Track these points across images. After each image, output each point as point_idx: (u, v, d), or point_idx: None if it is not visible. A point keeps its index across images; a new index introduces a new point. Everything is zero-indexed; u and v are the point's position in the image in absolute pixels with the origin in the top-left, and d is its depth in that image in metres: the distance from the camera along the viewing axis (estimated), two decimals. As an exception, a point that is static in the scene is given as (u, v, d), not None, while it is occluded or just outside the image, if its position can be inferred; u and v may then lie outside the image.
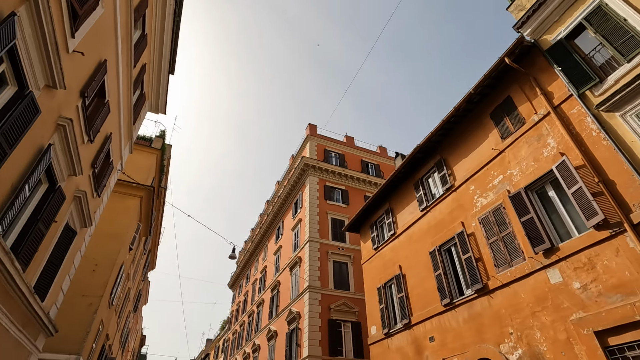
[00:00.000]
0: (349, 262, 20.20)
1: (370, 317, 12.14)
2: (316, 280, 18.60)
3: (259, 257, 31.73)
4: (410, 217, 11.45)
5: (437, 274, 9.38)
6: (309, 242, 19.90)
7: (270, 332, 21.68)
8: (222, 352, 37.73)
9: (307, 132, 26.40)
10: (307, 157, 23.36)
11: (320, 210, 21.74)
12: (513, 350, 6.94)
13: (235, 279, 39.63)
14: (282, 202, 26.75)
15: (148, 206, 17.05)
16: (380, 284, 11.99)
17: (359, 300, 18.84)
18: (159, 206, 23.87)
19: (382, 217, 13.12)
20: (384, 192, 12.89)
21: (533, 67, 8.19)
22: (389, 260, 11.97)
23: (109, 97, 8.33)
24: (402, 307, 10.46)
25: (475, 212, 8.76)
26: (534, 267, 6.92)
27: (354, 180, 24.59)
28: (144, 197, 16.27)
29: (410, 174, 11.94)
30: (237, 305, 35.38)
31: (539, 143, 7.58)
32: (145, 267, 28.50)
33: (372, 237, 13.32)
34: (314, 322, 17.18)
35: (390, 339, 10.77)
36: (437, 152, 10.83)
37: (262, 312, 25.65)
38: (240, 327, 31.14)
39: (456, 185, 9.71)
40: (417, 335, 9.66)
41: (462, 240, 8.81)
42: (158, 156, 18.74)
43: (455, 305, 8.65)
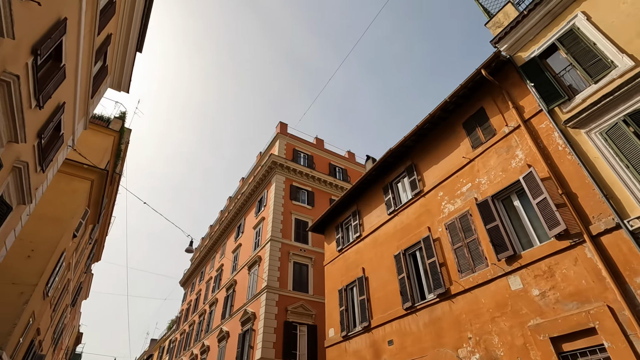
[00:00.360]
0: (309, 264, 19.94)
1: (329, 320, 11.94)
2: (275, 281, 18.14)
3: (215, 255, 30.57)
4: (377, 220, 11.44)
5: (401, 278, 9.39)
6: (270, 241, 19.42)
7: (222, 332, 20.81)
8: (167, 354, 35.78)
9: (278, 130, 25.96)
10: (276, 155, 22.92)
11: (284, 209, 21.34)
12: (471, 355, 7.02)
13: (188, 276, 37.90)
14: (245, 199, 26.00)
15: (99, 191, 15.79)
16: (342, 285, 11.84)
17: (317, 303, 18.62)
18: (112, 193, 22.28)
19: (348, 218, 13.03)
20: (353, 194, 12.82)
21: (506, 81, 8.49)
22: (352, 263, 11.86)
23: (66, 61, 7.51)
24: (363, 309, 10.36)
25: (442, 218, 8.88)
26: (496, 274, 7.07)
27: (321, 182, 24.47)
28: (95, 181, 15.06)
29: (380, 178, 11.97)
30: (188, 304, 33.79)
31: (508, 154, 7.83)
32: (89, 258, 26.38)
33: (337, 238, 13.18)
34: (269, 323, 16.69)
35: (348, 341, 10.62)
36: (409, 158, 10.94)
37: (214, 311, 24.62)
38: (190, 327, 29.70)
39: (425, 191, 9.82)
40: (376, 338, 9.58)
41: (428, 244, 8.88)
42: (115, 139, 17.46)
43: (416, 309, 8.67)
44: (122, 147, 19.70)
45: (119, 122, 18.05)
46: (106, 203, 23.00)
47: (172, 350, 33.01)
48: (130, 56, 12.53)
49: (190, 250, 13.75)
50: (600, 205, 5.90)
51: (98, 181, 15.21)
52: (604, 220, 5.75)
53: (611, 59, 6.48)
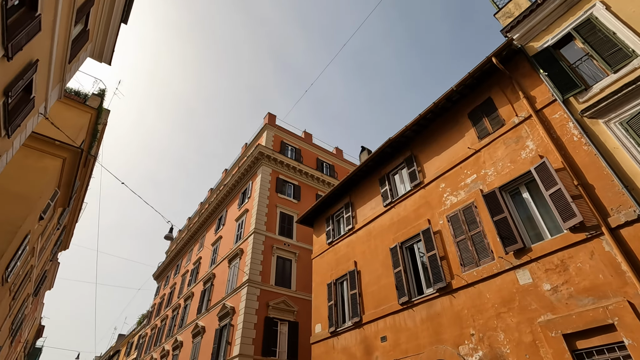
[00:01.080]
0: (293, 259, 19.31)
1: (316, 315, 11.38)
2: (257, 275, 17.41)
3: (193, 248, 29.41)
4: (371, 213, 10.99)
5: (397, 271, 8.95)
6: (254, 233, 18.66)
7: (198, 327, 19.85)
8: (135, 349, 34.18)
9: (266, 121, 25.19)
10: (263, 146, 22.17)
11: (270, 202, 20.63)
12: (473, 352, 6.63)
13: (162, 269, 36.39)
14: (228, 191, 25.07)
15: (71, 171, 14.64)
16: (331, 279, 11.31)
17: (300, 300, 18.02)
18: (85, 176, 20.92)
19: (340, 210, 12.53)
20: (346, 185, 12.33)
21: (516, 71, 8.21)
22: (343, 256, 11.36)
23: (42, 11, 6.64)
24: (354, 304, 9.87)
25: (444, 210, 8.51)
26: (503, 268, 6.72)
27: (308, 177, 23.89)
28: (68, 160, 13.93)
29: (376, 169, 11.53)
30: (161, 298, 32.38)
31: (517, 145, 7.53)
32: (56, 245, 24.74)
33: (328, 230, 12.65)
34: (249, 318, 15.95)
35: (336, 338, 10.09)
36: (408, 148, 10.55)
37: (190, 306, 23.56)
38: (162, 322, 28.41)
39: (425, 182, 9.44)
40: (368, 334, 9.11)
41: (428, 237, 8.49)
42: (92, 117, 16.28)
43: (413, 304, 8.25)
44: (99, 128, 18.50)
45: (97, 99, 16.85)
46: (78, 186, 21.64)
47: (142, 346, 31.53)
48: (114, 25, 11.60)
49: (169, 237, 12.85)
50: (619, 197, 5.63)
51: (71, 160, 14.09)
52: (624, 212, 5.47)
53: (632, 48, 6.26)
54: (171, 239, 12.93)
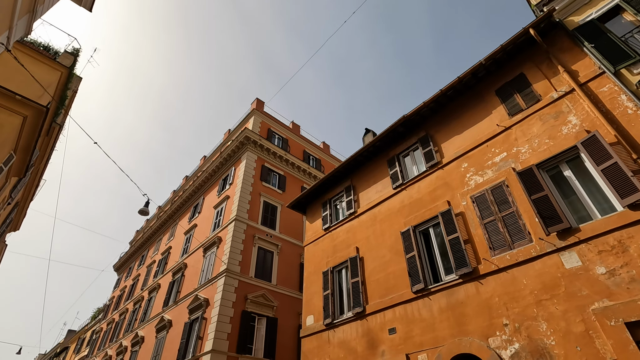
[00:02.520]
0: (275, 251, 18.04)
1: (308, 306, 10.26)
2: (236, 265, 16.00)
3: (162, 237, 27.32)
4: (377, 196, 10.08)
5: (410, 257, 8.05)
6: (235, 221, 17.26)
7: (163, 321, 18.04)
8: (87, 346, 31.23)
9: (253, 107, 23.88)
10: (250, 130, 20.84)
11: (253, 189, 19.30)
12: (507, 344, 5.79)
13: (125, 260, 33.72)
14: (207, 177, 23.44)
15: (31, 134, 12.76)
16: (327, 267, 10.25)
17: (280, 295, 16.77)
18: (47, 147, 18.74)
19: (340, 194, 11.53)
20: (347, 168, 11.38)
21: (554, 46, 7.64)
22: (342, 242, 10.34)
23: None
24: (356, 294, 8.85)
25: (467, 191, 7.73)
26: (544, 250, 5.97)
27: (294, 168, 22.76)
28: (29, 120, 12.11)
29: (383, 150, 10.67)
30: (121, 291, 29.84)
31: (556, 120, 6.88)
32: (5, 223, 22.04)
33: (324, 216, 11.60)
34: (225, 311, 14.50)
35: (332, 330, 9.01)
36: (422, 128, 9.77)
37: (155, 298, 21.59)
38: (121, 315, 26.02)
39: (443, 163, 8.66)
40: (372, 326, 8.11)
41: (448, 219, 7.66)
42: (63, 76, 14.44)
43: (430, 292, 7.35)
44: (67, 94, 16.58)
45: (69, 57, 15.00)
46: (38, 157, 19.41)
47: (95, 343, 28.80)
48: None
49: (144, 212, 11.29)
50: (689, 171, 5.02)
51: (33, 120, 12.26)
52: (697, 187, 4.85)
53: (697, 16, 5.78)
54: (146, 213, 11.38)
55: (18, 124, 11.94)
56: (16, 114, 11.80)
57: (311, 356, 9.19)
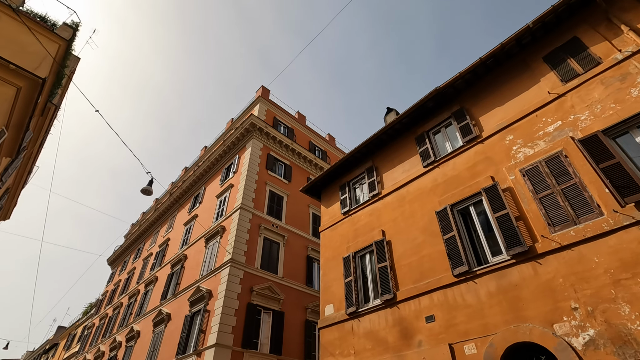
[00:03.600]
0: (281, 242, 17.17)
1: (326, 295, 9.41)
2: (241, 255, 15.11)
3: (160, 230, 26.29)
4: (404, 176, 9.29)
5: (449, 237, 7.24)
6: (240, 209, 16.36)
7: (162, 315, 17.06)
8: (78, 342, 30.01)
9: (259, 94, 23.02)
10: (256, 117, 19.97)
11: (259, 178, 18.43)
12: (579, 330, 5.00)
13: (119, 253, 32.58)
14: (209, 166, 22.50)
15: (25, 110, 11.85)
16: (348, 253, 9.41)
17: (287, 288, 15.90)
18: (41, 128, 17.73)
19: (361, 176, 10.72)
20: (368, 148, 10.58)
21: (613, 5, 6.92)
22: (364, 226, 9.53)
23: None
24: (384, 279, 8.02)
25: (515, 164, 6.95)
26: (619, 224, 5.20)
27: (300, 158, 21.93)
28: (23, 92, 11.23)
29: (410, 127, 9.90)
30: (115, 285, 28.72)
31: (623, 83, 6.14)
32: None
33: (343, 199, 10.77)
34: (230, 303, 13.60)
35: (357, 320, 8.17)
36: (455, 102, 9.02)
37: (152, 292, 20.58)
38: (115, 310, 24.93)
39: (483, 136, 7.89)
40: (405, 314, 7.28)
41: (494, 195, 6.87)
42: (60, 49, 13.49)
43: (475, 275, 6.54)
44: (64, 71, 15.64)
45: (68, 30, 14.03)
46: (32, 139, 18.39)
47: (86, 338, 27.62)
48: None
49: (148, 192, 10.37)
50: None
51: (27, 93, 11.35)
52: None
53: None
54: (150, 192, 10.46)
55: (11, 95, 11.02)
56: (9, 84, 10.88)
57: (332, 348, 8.33)
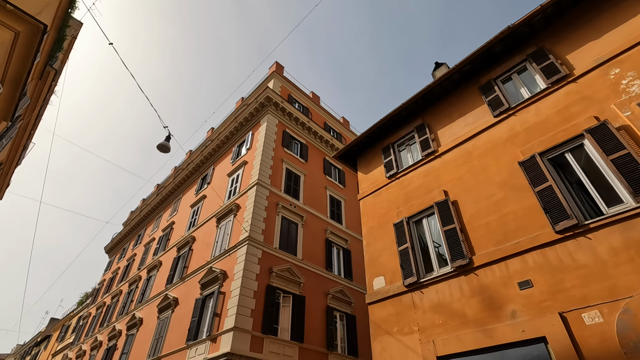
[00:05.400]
0: (300, 223, 15.85)
1: (373, 266, 8.11)
2: (259, 233, 13.77)
3: (163, 214, 24.87)
4: (466, 130, 8.03)
5: (543, 189, 5.98)
6: (257, 185, 15.02)
7: (168, 299, 15.67)
8: (72, 333, 28.44)
9: (273, 69, 21.67)
10: (272, 90, 18.62)
11: (275, 155, 17.10)
12: None
13: (118, 241, 31.04)
14: (218, 145, 21.14)
15: (24, 62, 10.46)
16: (400, 218, 8.13)
17: (306, 271, 14.59)
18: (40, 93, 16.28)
19: (408, 136, 9.45)
20: (416, 104, 9.32)
21: None
22: (418, 187, 8.25)
23: None
24: (453, 243, 6.74)
25: (629, 99, 5.71)
26: None
27: (317, 138, 20.62)
28: (22, 38, 9.89)
29: (469, 79, 8.65)
30: (114, 273, 27.21)
31: None
32: (-14, 186, 19.35)
33: (387, 162, 9.48)
34: (248, 284, 12.26)
35: (419, 292, 6.88)
36: (530, 44, 7.78)
37: (155, 277, 19.16)
38: (114, 298, 23.45)
39: (575, 75, 6.65)
40: (487, 281, 6.01)
41: (604, 136, 5.62)
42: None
43: (587, 229, 5.28)
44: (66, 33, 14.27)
45: (73, -21, 12.62)
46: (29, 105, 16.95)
47: (82, 329, 26.08)
48: None
49: (165, 148, 8.99)
50: None
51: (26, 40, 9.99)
52: None
53: None
54: (167, 149, 9.08)
55: (8, 40, 9.63)
56: (6, 28, 9.47)
57: (387, 326, 7.04)
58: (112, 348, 18.57)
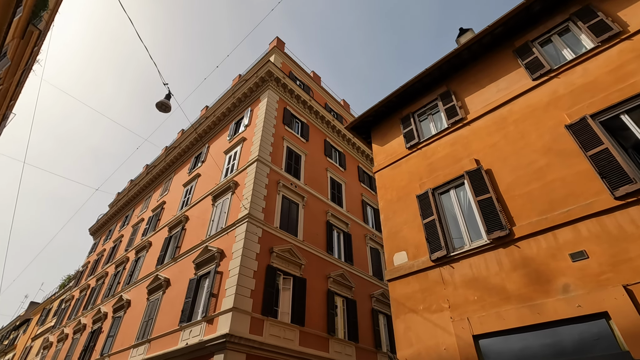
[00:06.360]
0: (301, 203, 15.12)
1: (393, 241, 7.46)
2: (259, 212, 12.99)
3: (153, 194, 23.79)
4: (499, 95, 7.38)
5: (597, 152, 5.38)
6: (257, 162, 14.19)
7: (158, 280, 14.81)
8: (54, 317, 27.26)
9: (274, 44, 20.65)
10: (273, 65, 17.66)
11: (276, 132, 16.25)
12: None
13: (104, 222, 29.78)
14: (213, 122, 20.13)
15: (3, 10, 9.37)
16: (423, 189, 7.47)
17: (307, 253, 13.93)
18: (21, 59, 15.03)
19: (430, 104, 8.76)
20: (440, 71, 8.64)
21: None
22: (444, 157, 7.59)
23: None
24: (489, 214, 6.12)
25: (699, 53, 5.11)
26: None
27: (318, 118, 19.80)
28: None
29: (500, 43, 7.99)
30: (99, 255, 26.06)
31: None
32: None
33: (406, 132, 8.78)
34: (248, 263, 11.51)
35: (448, 267, 6.26)
36: (574, 1, 7.14)
37: (144, 258, 18.22)
38: (98, 280, 22.40)
39: (631, 32, 6.04)
40: (532, 254, 5.41)
41: (671, 92, 5.02)
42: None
43: (654, 193, 4.69)
44: (53, -11, 13.13)
45: None
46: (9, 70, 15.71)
47: (64, 312, 24.96)
48: None
49: (165, 106, 8.07)
50: None
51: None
52: None
53: None
54: (167, 108, 8.15)
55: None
56: (-17, -33, 8.37)
57: (411, 303, 6.41)
58: (96, 331, 17.64)
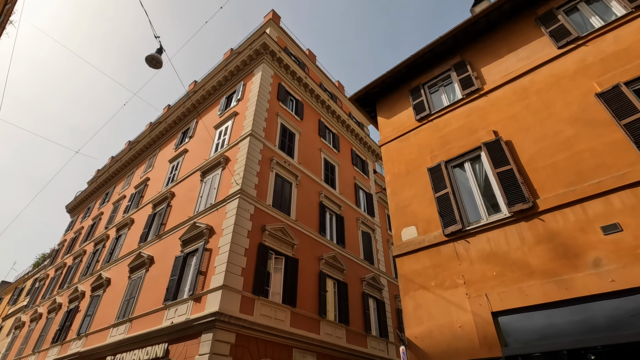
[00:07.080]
0: (294, 182, 14.55)
1: (403, 216, 7.02)
2: (252, 188, 12.37)
3: (135, 170, 22.71)
4: (520, 65, 6.95)
5: (631, 121, 5.03)
6: (250, 136, 13.48)
7: (141, 258, 14.06)
8: (27, 296, 26.03)
9: (269, 17, 19.68)
10: (269, 37, 16.78)
11: (270, 107, 15.51)
12: None
13: (82, 199, 28.43)
14: (203, 97, 19.15)
15: None
16: (435, 162, 7.03)
17: (300, 233, 13.45)
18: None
19: (443, 75, 8.27)
20: (455, 40, 8.14)
21: None
22: (458, 129, 7.15)
23: None
24: (510, 186, 5.73)
25: None
26: None
27: (313, 96, 19.11)
28: None
29: (523, 9, 7.54)
30: (76, 233, 24.88)
31: None
32: None
33: (416, 104, 8.29)
34: (239, 240, 10.93)
35: (463, 241, 5.87)
36: (604, -32, 6.72)
37: (125, 235, 17.36)
38: (76, 259, 21.36)
39: (668, -3, 5.67)
40: (559, 227, 5.05)
41: None
42: None
43: (698, 163, 4.36)
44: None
45: None
46: None
47: (37, 291, 23.83)
48: None
49: (156, 61, 7.28)
50: None
51: None
52: None
53: None
54: (158, 64, 7.35)
55: None
56: None
57: (422, 279, 6.01)
58: (73, 310, 16.78)
